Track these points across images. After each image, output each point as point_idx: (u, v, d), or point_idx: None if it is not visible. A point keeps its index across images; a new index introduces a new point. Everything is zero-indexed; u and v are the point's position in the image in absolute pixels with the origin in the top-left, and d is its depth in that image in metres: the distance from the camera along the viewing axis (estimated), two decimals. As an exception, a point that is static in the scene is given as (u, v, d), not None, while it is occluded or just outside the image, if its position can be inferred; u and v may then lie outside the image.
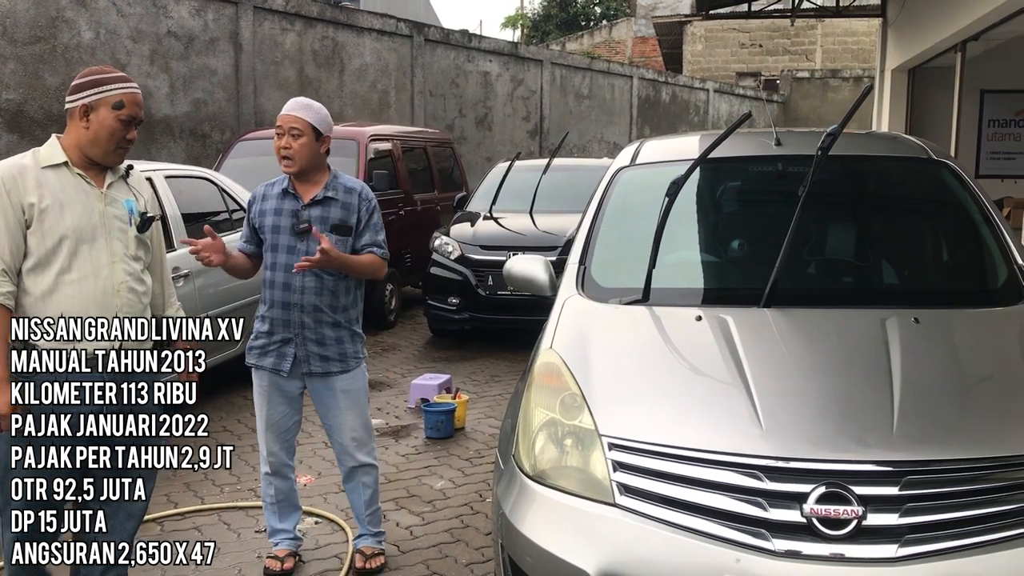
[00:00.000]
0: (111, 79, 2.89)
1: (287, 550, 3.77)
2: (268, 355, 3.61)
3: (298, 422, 3.77)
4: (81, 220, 2.87)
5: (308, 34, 12.49)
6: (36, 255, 2.83)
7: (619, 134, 20.39)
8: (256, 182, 8.02)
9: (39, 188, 2.83)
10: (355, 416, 3.67)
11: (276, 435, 3.70)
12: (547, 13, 40.39)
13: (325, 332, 3.55)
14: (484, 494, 4.64)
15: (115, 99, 2.86)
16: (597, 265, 3.47)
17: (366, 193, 3.62)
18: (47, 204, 2.82)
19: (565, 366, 2.84)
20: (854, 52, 28.81)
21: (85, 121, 2.87)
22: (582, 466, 2.59)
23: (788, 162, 3.76)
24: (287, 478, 3.77)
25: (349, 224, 3.55)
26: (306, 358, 3.57)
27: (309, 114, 3.48)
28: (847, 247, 3.75)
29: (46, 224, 2.82)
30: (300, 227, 3.50)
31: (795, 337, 2.93)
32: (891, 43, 12.09)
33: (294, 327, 3.54)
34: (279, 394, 3.65)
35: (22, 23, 9.07)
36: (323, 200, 3.53)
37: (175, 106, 10.69)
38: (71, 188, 2.88)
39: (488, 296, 7.96)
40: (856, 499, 2.29)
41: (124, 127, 2.88)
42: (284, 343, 3.57)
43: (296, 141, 3.45)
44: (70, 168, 2.89)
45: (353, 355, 3.64)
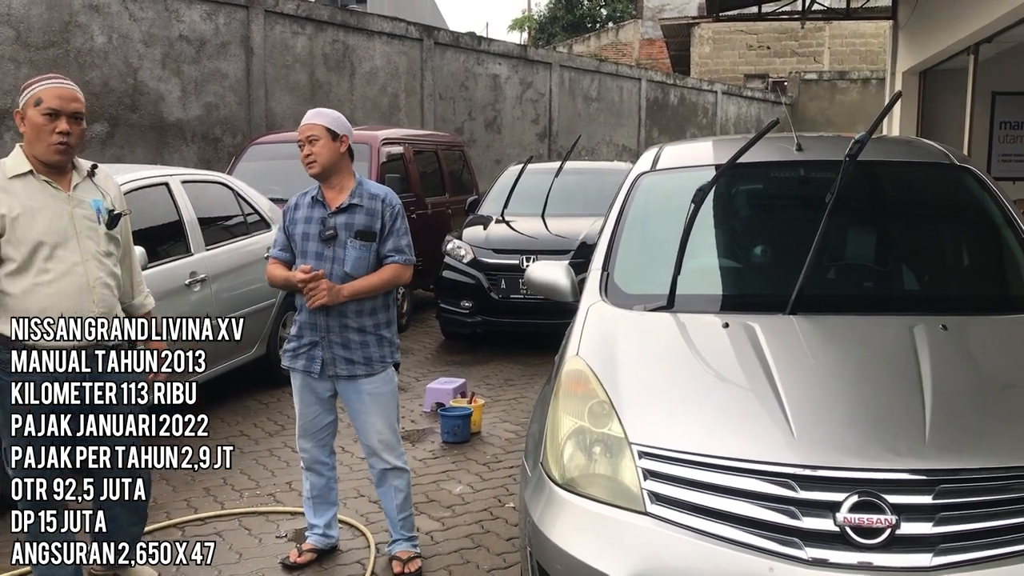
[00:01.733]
0: (33, 83, 3.11)
1: (312, 545, 3.88)
2: (299, 357, 3.73)
3: (332, 422, 3.86)
4: (52, 224, 3.05)
5: (319, 38, 12.51)
6: (16, 261, 3.02)
7: (628, 136, 20.38)
8: (269, 186, 8.12)
9: (8, 198, 3.02)
10: (381, 419, 3.73)
11: (310, 434, 3.83)
12: (553, 15, 40.39)
13: (350, 336, 3.65)
14: (503, 499, 4.64)
15: (35, 97, 3.04)
16: (620, 271, 3.47)
17: (391, 199, 3.71)
18: (17, 213, 3.01)
19: (592, 373, 2.83)
20: (862, 54, 28.77)
21: (23, 126, 3.08)
22: (611, 474, 2.59)
23: (811, 167, 3.75)
24: (321, 475, 3.87)
25: (373, 230, 3.64)
26: (332, 361, 3.67)
27: (320, 118, 3.64)
28: (871, 253, 3.75)
29: (19, 232, 3.01)
30: (326, 234, 3.62)
31: (823, 344, 2.93)
32: (902, 45, 12.06)
33: (320, 330, 3.66)
34: (311, 395, 3.76)
35: (36, 28, 9.11)
36: (348, 207, 3.64)
37: (187, 110, 10.72)
38: (39, 195, 3.06)
39: (501, 299, 7.96)
40: (889, 508, 2.28)
41: (49, 120, 3.03)
42: (312, 346, 3.69)
43: (315, 145, 3.60)
44: (35, 176, 3.08)
45: (379, 359, 3.70)
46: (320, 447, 3.84)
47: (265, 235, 6.66)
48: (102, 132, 9.74)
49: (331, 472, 3.90)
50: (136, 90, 10.13)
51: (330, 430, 3.86)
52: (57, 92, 3.05)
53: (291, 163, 9.10)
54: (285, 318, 6.78)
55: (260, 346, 6.48)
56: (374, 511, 4.44)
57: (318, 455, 3.85)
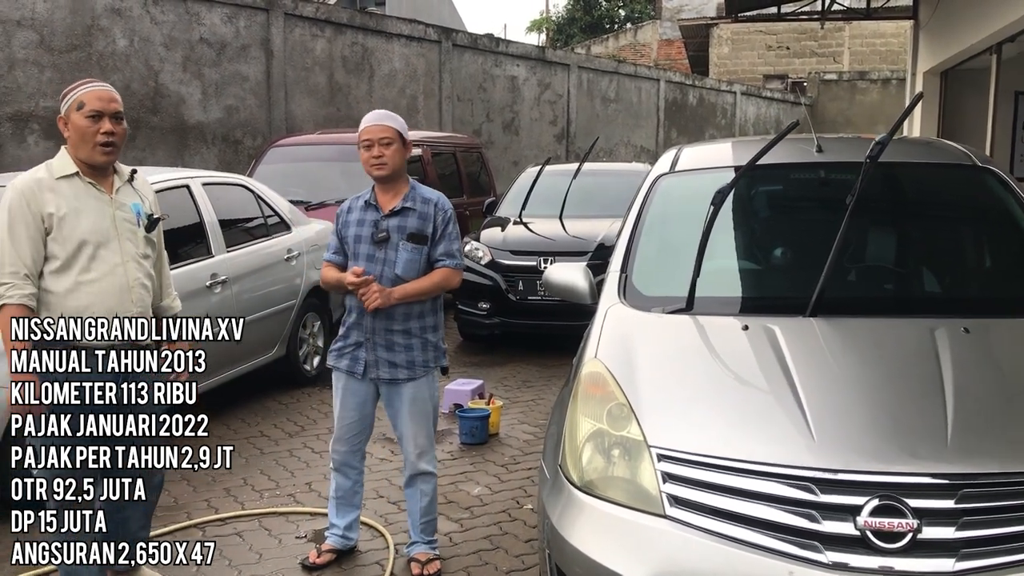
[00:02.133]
0: (73, 88, 3.20)
1: (331, 546, 3.90)
2: (344, 357, 3.77)
3: (369, 426, 3.88)
4: (96, 225, 3.16)
5: (338, 40, 12.56)
6: (60, 259, 3.12)
7: (646, 137, 20.35)
8: (289, 188, 8.15)
9: (56, 198, 3.12)
10: (418, 424, 3.76)
11: (344, 436, 3.84)
12: (571, 16, 40.35)
13: (395, 340, 3.68)
14: (521, 500, 4.64)
15: (77, 102, 3.15)
16: (639, 273, 3.47)
17: (443, 203, 3.76)
18: (64, 212, 3.12)
19: (611, 376, 2.83)
20: (882, 54, 28.58)
21: (67, 130, 3.18)
22: (630, 477, 2.59)
23: (831, 169, 3.74)
24: (348, 477, 3.89)
25: (425, 233, 3.68)
26: (375, 363, 3.70)
27: (395, 123, 3.68)
28: (892, 255, 3.73)
29: (65, 231, 3.11)
30: (378, 236, 3.65)
31: (843, 347, 2.91)
32: (923, 45, 11.98)
33: (366, 332, 3.69)
34: (352, 397, 3.79)
35: (59, 32, 9.20)
36: (401, 211, 3.68)
37: (208, 112, 10.79)
38: (84, 196, 3.17)
39: (519, 301, 7.96)
40: (911, 512, 2.27)
41: (93, 122, 3.13)
42: (357, 347, 3.73)
43: (388, 148, 3.63)
44: (81, 178, 3.19)
45: (422, 363, 3.73)
46: (353, 451, 3.86)
47: (285, 237, 6.71)
48: (124, 135, 9.81)
49: (358, 476, 3.92)
50: (157, 93, 10.22)
51: (365, 435, 3.88)
52: (97, 94, 3.16)
53: (312, 165, 9.26)
54: (305, 319, 6.82)
55: (280, 347, 6.52)
56: (393, 512, 4.46)
57: (349, 459, 3.86)
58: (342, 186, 8.98)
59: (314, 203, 8.40)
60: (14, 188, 3.12)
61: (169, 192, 5.68)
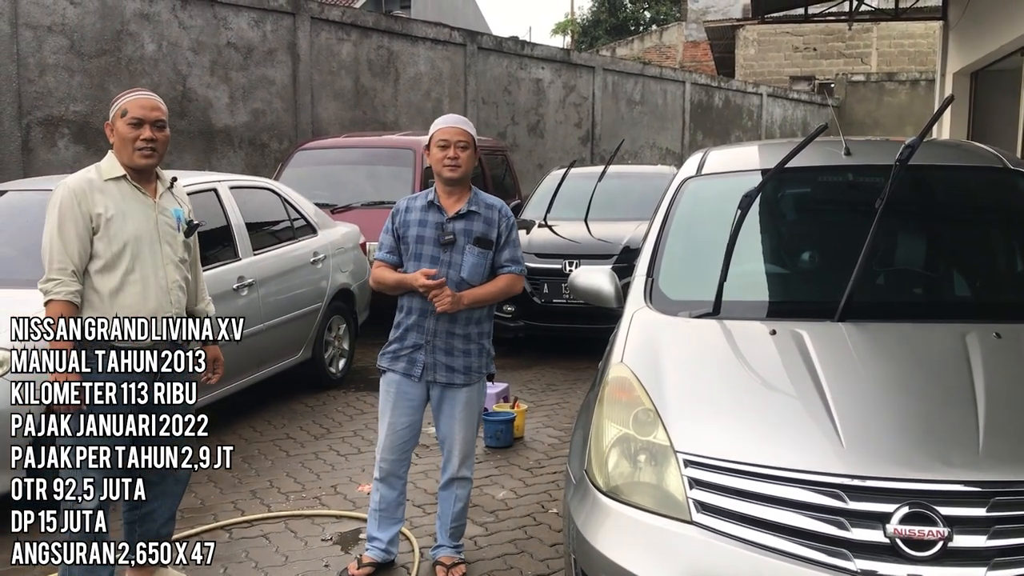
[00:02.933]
0: (119, 97, 3.36)
1: (372, 559, 3.83)
2: (400, 360, 3.74)
3: (417, 434, 3.85)
4: (140, 227, 3.28)
5: (364, 44, 12.62)
6: (104, 258, 3.22)
7: (671, 140, 20.27)
8: (315, 191, 8.19)
9: (104, 199, 3.24)
10: (466, 430, 3.76)
11: (394, 443, 3.79)
12: (596, 18, 40.31)
13: (455, 344, 3.68)
14: (546, 505, 4.64)
15: (121, 109, 3.31)
16: (665, 277, 3.45)
17: (506, 210, 3.78)
18: (112, 214, 3.23)
19: (637, 380, 2.82)
20: (911, 55, 28.30)
21: (112, 136, 3.34)
22: (656, 482, 2.58)
23: (860, 172, 3.70)
24: (394, 488, 3.84)
25: (490, 238, 3.69)
26: (433, 366, 3.69)
27: (469, 127, 3.73)
28: (922, 259, 3.68)
29: (112, 231, 3.22)
30: (445, 239, 3.65)
31: (872, 352, 2.88)
32: (952, 46, 11.85)
33: (427, 334, 3.68)
34: (405, 401, 3.75)
35: (89, 37, 9.30)
36: (467, 214, 3.69)
37: (235, 116, 10.88)
38: (130, 199, 3.30)
39: (543, 304, 7.96)
40: (942, 520, 2.24)
41: (133, 129, 3.27)
42: (415, 349, 3.71)
43: (464, 152, 3.67)
44: (128, 181, 3.31)
45: (477, 369, 3.74)
46: (401, 460, 3.80)
47: (311, 240, 6.74)
48: (152, 138, 9.90)
49: (403, 487, 3.86)
50: (185, 97, 10.31)
51: (414, 442, 3.84)
52: (140, 103, 3.31)
53: (338, 168, 9.30)
54: (331, 322, 6.85)
55: (306, 350, 6.55)
56: (418, 515, 4.46)
57: (397, 468, 3.80)
58: (368, 189, 9.04)
59: (340, 206, 8.44)
60: (66, 187, 3.23)
61: (197, 196, 5.72)
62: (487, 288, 3.68)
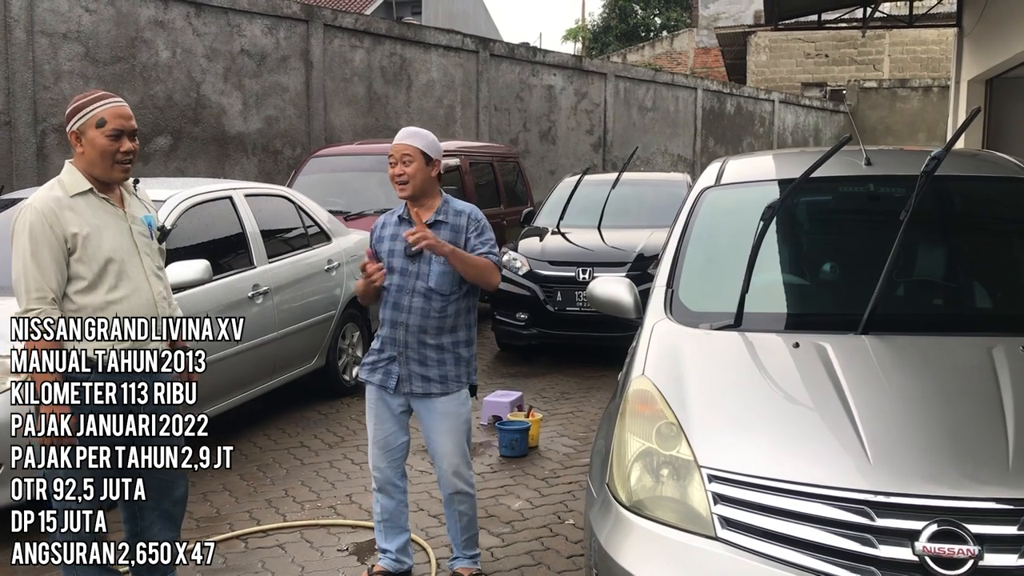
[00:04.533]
0: (89, 101, 3.07)
1: (383, 568, 3.81)
2: (376, 371, 3.73)
3: (406, 443, 3.82)
4: (116, 242, 3.09)
5: (377, 51, 12.63)
6: (86, 278, 3.04)
7: (683, 146, 20.23)
8: (329, 198, 8.19)
9: (76, 217, 3.03)
10: (452, 441, 3.70)
11: (383, 452, 3.78)
12: (607, 25, 40.33)
13: (428, 354, 3.64)
14: (563, 515, 4.61)
15: (96, 118, 3.03)
16: (685, 288, 3.42)
17: (475, 214, 3.74)
18: (87, 231, 3.03)
19: (659, 393, 2.79)
20: (923, 61, 28.21)
21: (80, 146, 3.06)
22: (680, 497, 2.55)
23: (882, 183, 3.67)
24: (392, 497, 3.81)
25: (458, 245, 3.63)
26: (408, 377, 3.66)
27: (417, 140, 3.63)
28: (946, 271, 3.64)
29: (90, 250, 3.03)
30: (411, 250, 3.61)
31: (898, 366, 2.85)
32: (967, 53, 11.79)
33: (399, 345, 3.65)
34: (387, 411, 3.74)
35: (104, 44, 9.33)
36: (434, 224, 3.65)
37: (248, 123, 10.90)
38: (101, 212, 3.09)
39: (557, 312, 7.93)
40: (972, 538, 2.21)
41: (113, 141, 3.05)
42: (390, 361, 3.69)
43: (408, 167, 3.60)
44: (95, 194, 3.09)
45: (455, 378, 3.68)
46: (393, 468, 3.79)
47: (325, 248, 6.74)
48: (165, 145, 9.94)
49: (402, 495, 3.84)
50: (199, 104, 10.33)
51: (403, 450, 3.81)
52: (117, 111, 3.06)
53: (351, 176, 9.31)
54: (345, 330, 6.84)
55: (320, 358, 6.54)
56: (434, 525, 4.44)
57: (391, 476, 3.79)
58: (381, 196, 9.02)
59: (353, 213, 8.44)
60: (33, 209, 3.00)
61: (212, 204, 5.74)
62: (471, 256, 3.59)
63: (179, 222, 5.26)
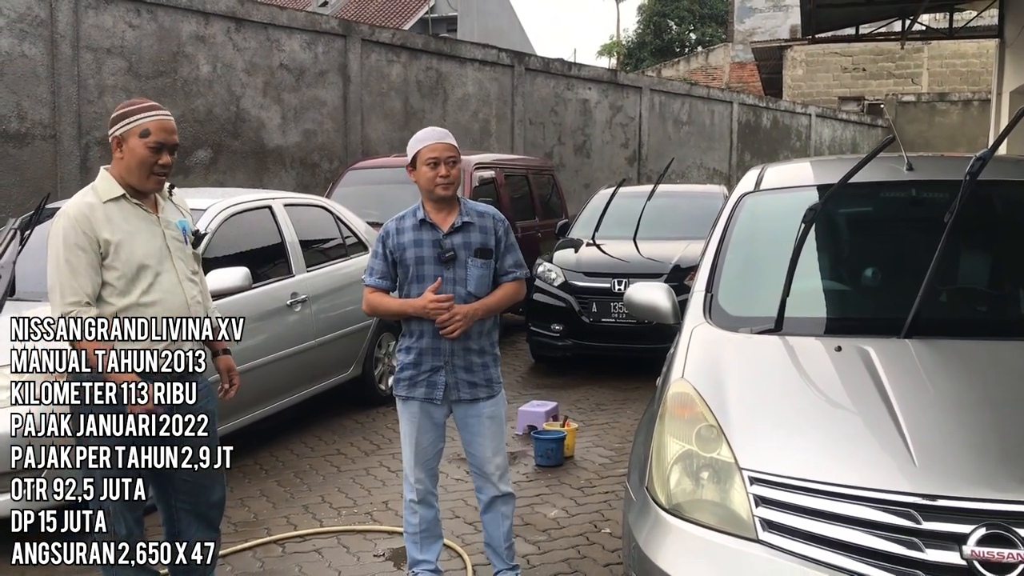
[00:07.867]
0: (138, 109, 3.08)
1: None
2: (418, 385, 3.60)
3: (442, 450, 3.77)
4: (149, 247, 3.08)
5: (413, 65, 12.74)
6: (117, 285, 3.03)
7: (719, 160, 20.16)
8: (365, 209, 8.25)
9: (109, 223, 3.03)
10: (496, 443, 3.68)
11: (423, 463, 3.69)
12: (642, 40, 40.38)
13: (473, 359, 3.59)
14: (599, 524, 4.58)
15: (141, 128, 3.04)
16: (724, 293, 3.40)
17: (498, 216, 3.69)
18: (119, 238, 3.03)
19: (699, 396, 2.77)
20: (963, 75, 27.89)
21: (120, 152, 3.07)
22: (720, 500, 2.53)
23: (923, 187, 3.63)
24: (432, 506, 3.74)
25: (490, 247, 3.58)
26: (455, 385, 3.58)
27: (453, 140, 3.63)
28: (989, 276, 3.59)
29: (123, 255, 3.03)
30: (446, 256, 3.52)
31: (941, 369, 2.81)
32: (1009, 64, 11.64)
33: (444, 355, 3.55)
34: (429, 422, 3.64)
35: (146, 59, 9.51)
36: (462, 226, 3.57)
37: (286, 136, 11.03)
38: (134, 218, 3.09)
39: (592, 323, 7.90)
40: (1022, 542, 2.16)
41: (153, 153, 3.04)
42: (434, 371, 3.58)
43: (454, 169, 3.56)
44: (128, 200, 3.09)
45: (497, 379, 3.67)
46: (431, 478, 3.72)
47: (363, 257, 6.77)
48: (206, 158, 10.08)
49: (438, 503, 3.79)
50: (238, 117, 10.48)
51: (439, 459, 3.75)
52: (163, 125, 3.07)
53: (387, 188, 9.36)
54: (381, 339, 6.87)
55: (356, 367, 6.57)
56: (470, 532, 4.43)
57: (430, 486, 3.71)
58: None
59: (389, 224, 8.47)
60: (67, 216, 3.01)
61: (252, 213, 5.81)
62: (496, 298, 3.57)
63: (219, 230, 5.33)
